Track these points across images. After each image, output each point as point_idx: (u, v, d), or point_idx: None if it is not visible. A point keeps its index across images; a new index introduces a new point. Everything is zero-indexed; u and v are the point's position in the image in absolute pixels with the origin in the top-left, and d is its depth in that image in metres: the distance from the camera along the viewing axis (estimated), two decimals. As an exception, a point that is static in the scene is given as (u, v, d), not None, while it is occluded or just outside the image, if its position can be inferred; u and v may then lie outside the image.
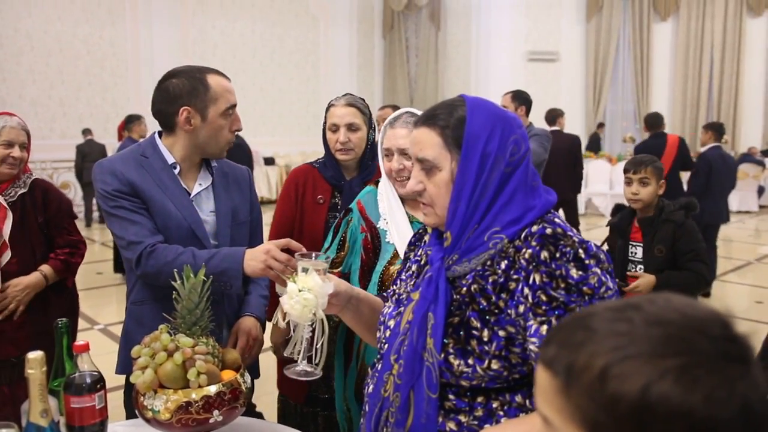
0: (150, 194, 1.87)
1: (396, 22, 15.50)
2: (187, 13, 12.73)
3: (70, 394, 1.45)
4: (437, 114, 1.26)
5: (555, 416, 0.65)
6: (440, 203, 1.25)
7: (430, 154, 1.24)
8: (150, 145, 1.96)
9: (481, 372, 1.17)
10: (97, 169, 1.91)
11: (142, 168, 1.90)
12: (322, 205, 2.36)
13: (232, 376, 1.50)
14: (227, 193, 2.02)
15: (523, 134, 1.26)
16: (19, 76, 11.00)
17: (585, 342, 0.63)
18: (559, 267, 1.13)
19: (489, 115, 1.24)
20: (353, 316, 1.48)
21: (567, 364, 0.63)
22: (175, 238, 1.87)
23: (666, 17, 13.56)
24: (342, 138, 2.31)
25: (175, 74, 1.90)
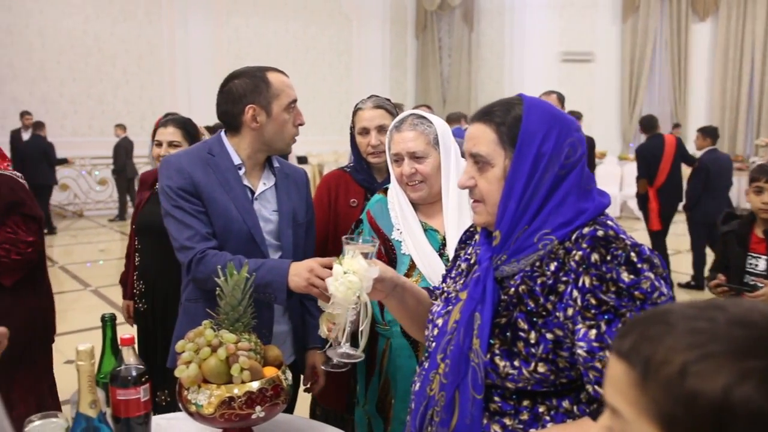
0: (213, 195, 1.90)
1: (429, 22, 15.46)
2: (221, 12, 12.89)
3: (116, 387, 1.48)
4: (494, 110, 1.26)
5: (627, 408, 0.64)
6: (491, 200, 1.25)
7: (484, 150, 1.24)
8: (217, 143, 1.99)
9: (527, 374, 1.16)
10: (164, 164, 1.95)
11: (208, 167, 1.93)
12: (356, 208, 2.35)
13: (274, 373, 1.51)
14: (288, 194, 2.06)
15: (580, 138, 1.25)
16: (59, 74, 11.25)
17: (663, 336, 0.62)
18: (609, 270, 1.11)
19: (546, 115, 1.23)
20: (397, 304, 1.47)
21: (645, 357, 0.62)
22: (234, 240, 1.90)
23: (705, 17, 13.27)
24: (373, 141, 2.30)
25: (237, 75, 1.94)
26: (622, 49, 13.79)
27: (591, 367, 1.11)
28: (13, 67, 10.85)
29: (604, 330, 1.09)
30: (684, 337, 0.61)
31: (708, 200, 6.37)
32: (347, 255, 1.40)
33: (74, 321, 5.57)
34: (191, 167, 1.92)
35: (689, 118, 13.52)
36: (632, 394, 0.63)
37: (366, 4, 14.88)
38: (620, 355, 0.66)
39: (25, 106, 10.64)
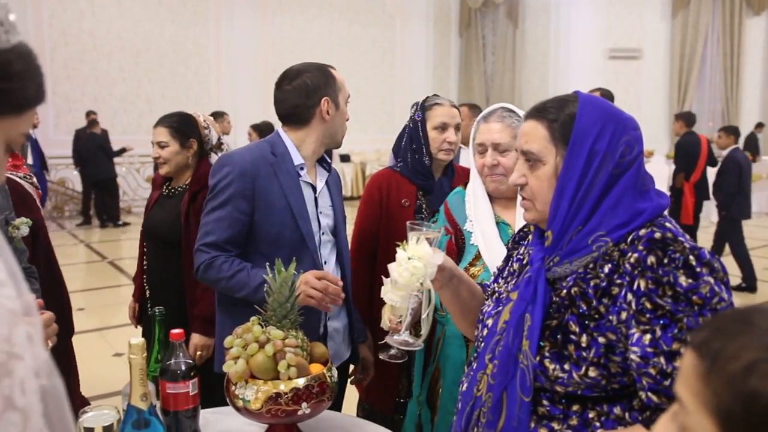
0: (272, 201, 1.92)
1: (473, 20, 15.35)
2: (267, 12, 13.04)
3: (166, 380, 1.51)
4: (547, 107, 1.23)
5: (690, 399, 0.63)
6: (541, 198, 1.22)
7: (535, 147, 1.22)
8: (279, 142, 2.00)
9: (577, 379, 1.13)
10: (227, 162, 1.94)
11: (271, 169, 1.94)
12: (408, 208, 2.34)
13: (320, 370, 1.52)
14: (335, 190, 2.13)
15: (638, 136, 1.21)
16: (110, 74, 11.56)
17: (740, 333, 0.61)
18: (666, 273, 1.07)
19: (601, 112, 1.20)
20: (452, 295, 1.44)
21: (715, 350, 0.61)
22: (286, 247, 1.92)
23: (760, 11, 12.82)
24: (452, 137, 2.32)
25: (305, 70, 1.98)
26: (672, 46, 13.43)
27: (644, 373, 1.07)
28: (67, 68, 11.19)
29: (659, 335, 1.05)
30: (761, 337, 0.60)
31: (742, 198, 6.55)
32: (412, 240, 1.37)
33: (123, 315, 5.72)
34: (255, 170, 1.92)
35: (741, 116, 13.11)
36: (696, 385, 0.63)
37: (410, 2, 14.86)
38: (693, 345, 0.65)
39: (77, 106, 10.97)
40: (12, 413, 0.45)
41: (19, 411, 0.46)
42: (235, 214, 1.89)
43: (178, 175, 2.66)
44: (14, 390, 0.46)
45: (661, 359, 1.05)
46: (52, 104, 11.05)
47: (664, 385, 1.04)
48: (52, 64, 11.04)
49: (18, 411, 0.46)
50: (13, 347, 0.47)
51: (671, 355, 1.04)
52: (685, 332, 1.04)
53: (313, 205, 2.01)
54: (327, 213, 2.05)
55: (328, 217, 2.05)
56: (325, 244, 2.04)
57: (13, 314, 0.49)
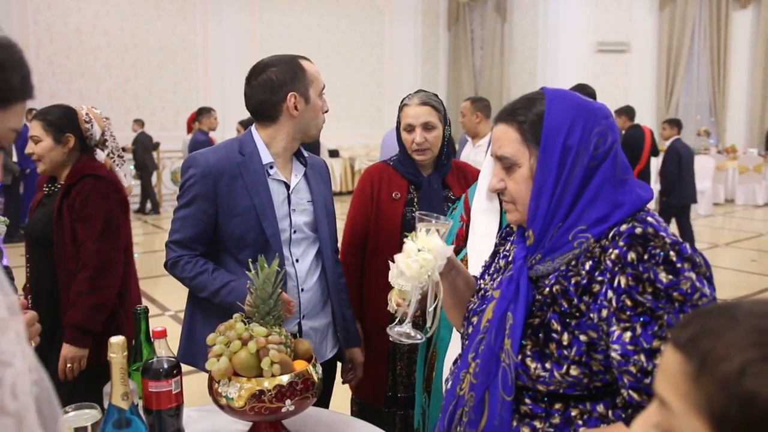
0: (235, 203, 1.90)
1: (461, 14, 15.34)
2: (254, 8, 12.98)
3: (148, 379, 1.49)
4: (516, 109, 1.22)
5: (677, 401, 0.62)
6: (522, 200, 1.21)
7: (509, 151, 1.20)
8: (249, 140, 1.97)
9: (559, 377, 1.12)
10: (192, 163, 1.93)
11: (237, 169, 1.91)
12: (398, 201, 2.33)
13: (304, 367, 1.51)
14: (317, 183, 2.07)
15: (610, 125, 1.19)
16: (97, 71, 11.47)
17: (726, 331, 0.60)
18: (646, 270, 1.05)
19: (570, 106, 1.18)
20: (449, 286, 1.42)
21: (704, 351, 0.60)
22: (250, 248, 1.90)
23: (746, 4, 12.90)
24: (418, 138, 2.26)
25: (271, 64, 1.93)
26: (659, 39, 13.48)
27: (625, 371, 1.06)
28: (53, 64, 11.09)
29: (640, 333, 1.04)
30: (748, 334, 0.59)
31: (682, 185, 7.05)
32: (422, 232, 1.34)
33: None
34: (219, 171, 1.90)
35: (728, 108, 13.19)
36: (684, 387, 0.62)
37: (398, -4, 14.83)
38: (677, 345, 0.64)
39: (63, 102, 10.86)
40: (4, 418, 0.46)
41: (11, 416, 0.47)
42: (199, 214, 1.91)
43: (57, 173, 2.43)
44: (4, 397, 0.46)
45: (642, 357, 1.04)
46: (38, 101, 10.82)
47: (644, 383, 1.04)
48: (38, 61, 10.93)
49: (10, 416, 0.46)
50: (1, 355, 0.48)
51: (651, 352, 1.03)
52: (665, 329, 1.03)
53: (285, 203, 1.98)
54: (303, 209, 2.01)
55: (304, 213, 2.01)
56: (299, 241, 2.00)
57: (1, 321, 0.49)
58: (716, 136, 13.14)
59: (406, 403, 2.30)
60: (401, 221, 2.30)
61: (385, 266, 2.26)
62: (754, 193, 11.68)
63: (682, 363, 0.62)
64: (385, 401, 2.35)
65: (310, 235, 2.02)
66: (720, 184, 11.68)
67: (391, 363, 2.32)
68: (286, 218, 1.97)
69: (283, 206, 1.97)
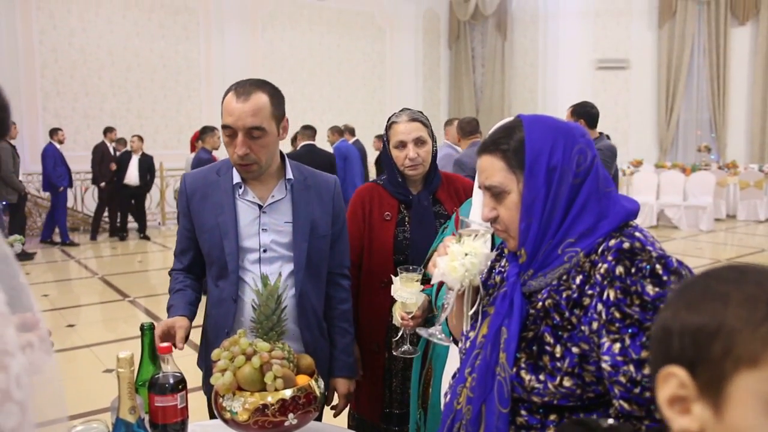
0: (202, 221, 1.98)
1: (462, 32, 15.49)
2: (257, 27, 13.12)
3: (154, 393, 1.53)
4: (497, 139, 1.26)
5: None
6: (514, 227, 1.24)
7: (497, 180, 1.24)
8: (228, 163, 1.99)
9: (553, 389, 1.15)
10: (182, 182, 2.07)
11: (209, 189, 1.99)
12: (390, 221, 2.35)
13: (306, 381, 1.54)
14: (308, 205, 2.01)
15: (588, 142, 1.24)
16: (101, 90, 11.58)
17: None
18: (634, 283, 1.09)
19: (548, 129, 1.23)
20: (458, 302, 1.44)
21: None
22: (215, 265, 1.97)
23: (745, 21, 13.01)
24: (411, 154, 2.28)
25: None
26: (659, 56, 13.59)
27: (616, 381, 1.09)
28: (57, 84, 11.21)
29: (628, 344, 1.08)
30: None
31: None
32: (469, 237, 1.36)
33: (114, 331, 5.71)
34: (192, 190, 2.01)
35: (729, 124, 13.25)
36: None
37: (399, 15, 14.97)
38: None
39: (67, 122, 10.98)
40: (10, 404, 0.49)
41: (16, 403, 0.50)
42: (182, 230, 2.05)
43: None
44: (10, 384, 0.50)
45: (631, 367, 1.07)
46: (43, 120, 11.06)
47: (634, 392, 1.07)
48: (43, 80, 11.07)
49: (15, 403, 0.49)
50: (6, 345, 0.51)
51: (640, 363, 1.07)
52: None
53: (256, 223, 1.96)
54: (278, 229, 1.96)
55: (279, 233, 1.96)
56: (270, 260, 1.95)
57: (3, 316, 0.52)
58: (717, 152, 13.19)
59: (401, 420, 2.31)
60: (392, 242, 2.31)
61: (378, 286, 2.28)
62: (756, 208, 11.70)
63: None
64: (382, 417, 2.36)
65: (285, 253, 1.97)
66: (721, 199, 11.70)
67: (387, 380, 2.34)
68: (254, 237, 1.95)
69: (253, 226, 1.95)
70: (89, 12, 11.41)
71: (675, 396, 0.68)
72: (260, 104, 1.85)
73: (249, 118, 1.84)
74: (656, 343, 0.73)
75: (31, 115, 10.96)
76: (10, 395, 0.49)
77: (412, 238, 2.30)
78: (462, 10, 15.18)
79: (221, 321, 1.93)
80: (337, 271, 2.12)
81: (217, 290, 1.96)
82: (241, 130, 1.84)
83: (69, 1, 11.20)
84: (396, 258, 2.29)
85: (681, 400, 0.68)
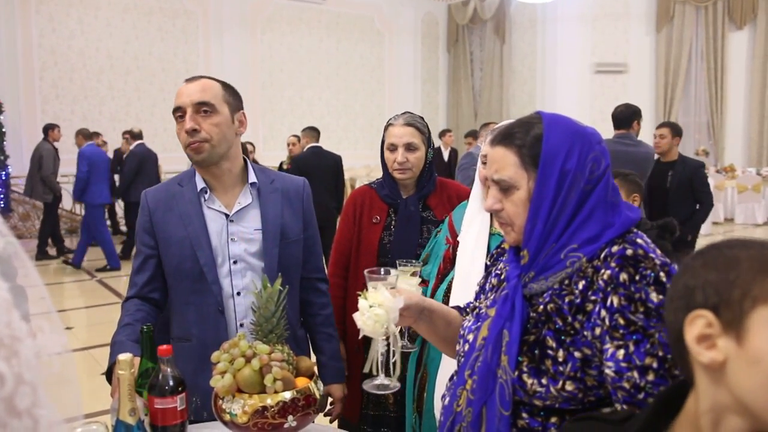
0: (168, 233, 1.87)
1: (461, 36, 15.51)
2: (256, 30, 13.13)
3: (153, 395, 1.53)
4: (513, 132, 1.24)
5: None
6: (519, 222, 1.24)
7: (507, 175, 1.23)
8: (190, 172, 1.95)
9: (555, 393, 1.16)
10: (142, 198, 1.95)
11: (173, 201, 1.90)
12: (377, 225, 2.37)
13: (305, 383, 1.54)
14: (276, 209, 1.94)
15: (603, 150, 1.23)
16: (100, 93, 11.59)
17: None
18: (638, 290, 1.10)
19: (567, 132, 1.21)
20: (427, 327, 1.48)
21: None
22: (187, 280, 1.87)
23: (742, 25, 13.04)
24: (400, 158, 2.29)
25: None
26: (657, 60, 13.62)
27: (619, 387, 1.09)
28: (56, 87, 11.21)
29: (632, 350, 1.08)
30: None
31: None
32: (371, 289, 1.41)
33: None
34: (154, 204, 1.90)
35: (726, 128, 13.27)
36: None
37: (398, 19, 15.00)
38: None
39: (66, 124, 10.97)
40: (23, 387, 0.52)
41: (29, 385, 0.52)
42: (141, 250, 1.92)
43: None
44: (22, 368, 0.52)
45: (635, 374, 1.07)
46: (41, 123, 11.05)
47: (637, 398, 1.07)
48: (42, 84, 11.06)
49: (27, 384, 0.52)
50: (14, 331, 0.53)
51: (644, 369, 1.07)
52: (657, 347, 1.06)
53: (224, 232, 1.88)
54: (247, 238, 1.89)
55: (250, 243, 1.89)
56: (242, 272, 1.89)
57: (8, 302, 0.54)
58: (715, 156, 13.21)
59: (376, 422, 2.32)
60: (378, 245, 2.34)
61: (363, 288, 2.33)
62: (754, 212, 11.72)
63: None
64: (362, 418, 2.38)
65: (257, 264, 1.90)
66: (719, 203, 11.71)
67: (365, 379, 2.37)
68: (225, 247, 1.88)
69: (222, 235, 1.88)
70: (88, 15, 11.41)
71: (702, 335, 0.82)
72: (209, 85, 1.85)
73: (197, 94, 1.82)
74: (677, 300, 0.87)
75: (30, 117, 10.95)
76: (23, 379, 0.52)
77: (394, 241, 2.33)
78: (461, 14, 15.21)
79: (208, 338, 1.83)
80: (314, 275, 2.07)
81: (193, 307, 1.87)
82: (189, 107, 1.80)
83: (68, 4, 11.20)
84: (380, 260, 2.31)
85: (707, 337, 0.81)
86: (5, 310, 0.54)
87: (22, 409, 0.51)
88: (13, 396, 0.51)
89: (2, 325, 0.53)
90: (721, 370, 0.81)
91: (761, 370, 0.77)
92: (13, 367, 0.51)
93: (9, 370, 0.51)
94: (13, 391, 0.51)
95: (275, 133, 12.90)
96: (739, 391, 0.79)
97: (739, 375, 0.79)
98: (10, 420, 0.50)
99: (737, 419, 0.80)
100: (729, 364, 0.80)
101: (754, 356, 0.77)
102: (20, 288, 0.65)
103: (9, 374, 0.51)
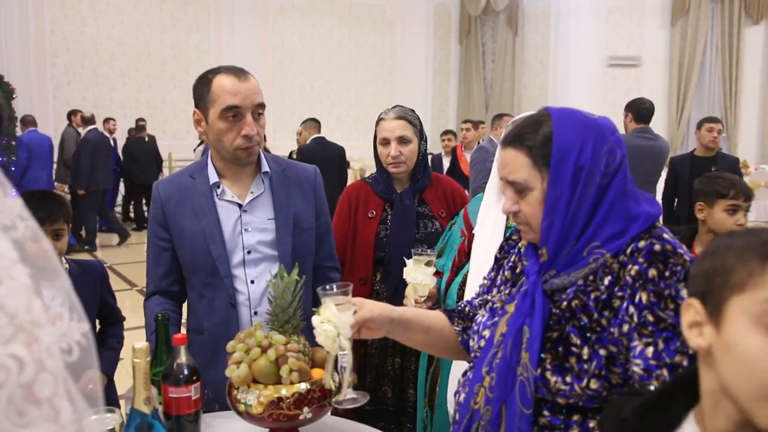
0: (182, 226, 1.87)
1: (473, 28, 15.40)
2: (267, 19, 13.09)
3: (168, 384, 1.52)
4: (523, 133, 1.21)
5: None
6: (536, 222, 1.21)
7: (520, 177, 1.20)
8: (202, 163, 1.95)
9: (579, 391, 1.13)
10: (154, 190, 1.94)
11: (186, 193, 1.89)
12: (373, 219, 2.37)
13: (321, 375, 1.53)
14: (288, 198, 1.93)
15: (618, 140, 1.19)
16: (111, 79, 11.60)
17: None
18: (668, 286, 1.07)
19: (577, 125, 1.18)
20: (403, 336, 1.46)
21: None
22: (200, 273, 1.87)
23: (759, 20, 12.87)
24: (393, 152, 2.29)
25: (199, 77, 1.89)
26: (671, 54, 13.47)
27: (648, 385, 1.07)
28: (68, 73, 11.22)
29: (662, 348, 1.06)
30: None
31: None
32: (322, 305, 1.41)
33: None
34: (167, 196, 1.89)
35: (741, 124, 13.15)
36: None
37: (410, 9, 14.91)
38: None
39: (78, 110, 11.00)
40: (44, 374, 0.50)
41: (50, 372, 0.51)
42: (155, 244, 1.91)
43: None
44: (42, 354, 0.51)
45: (665, 371, 1.05)
46: (53, 109, 11.08)
47: None
48: (54, 70, 11.08)
49: (49, 372, 0.51)
50: (34, 317, 0.52)
51: (674, 367, 1.05)
52: (686, 345, 1.04)
53: (238, 224, 1.88)
54: (261, 227, 1.89)
55: (263, 232, 1.89)
56: (256, 261, 1.89)
57: (28, 287, 0.53)
58: (728, 152, 13.10)
59: (372, 417, 2.31)
60: (374, 240, 2.33)
61: (359, 282, 2.32)
62: (767, 208, 11.62)
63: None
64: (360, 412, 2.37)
65: (270, 252, 1.90)
66: (731, 199, 11.63)
67: (361, 375, 2.35)
68: (238, 238, 1.88)
69: (236, 227, 1.89)
70: (101, 1, 11.40)
71: (692, 321, 0.85)
72: (257, 82, 1.85)
73: (257, 95, 1.80)
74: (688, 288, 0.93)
75: (42, 103, 10.98)
76: (44, 365, 0.51)
77: (391, 235, 2.32)
78: (473, 5, 15.09)
79: (219, 331, 1.83)
80: (327, 264, 2.06)
81: (205, 300, 1.88)
82: (249, 109, 1.78)
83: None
84: (376, 255, 2.31)
85: (697, 324, 0.84)
86: (25, 296, 0.53)
87: (43, 397, 0.50)
88: (33, 383, 0.49)
89: (22, 310, 0.51)
90: (710, 356, 0.83)
91: (733, 358, 0.79)
92: (33, 353, 0.50)
93: (30, 355, 0.50)
94: (33, 378, 0.49)
95: (285, 123, 12.87)
96: (722, 377, 0.81)
97: (720, 362, 0.81)
98: (28, 408, 0.49)
99: (728, 403, 0.82)
100: (713, 351, 0.82)
101: (727, 344, 0.79)
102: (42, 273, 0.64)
103: (29, 360, 0.49)
